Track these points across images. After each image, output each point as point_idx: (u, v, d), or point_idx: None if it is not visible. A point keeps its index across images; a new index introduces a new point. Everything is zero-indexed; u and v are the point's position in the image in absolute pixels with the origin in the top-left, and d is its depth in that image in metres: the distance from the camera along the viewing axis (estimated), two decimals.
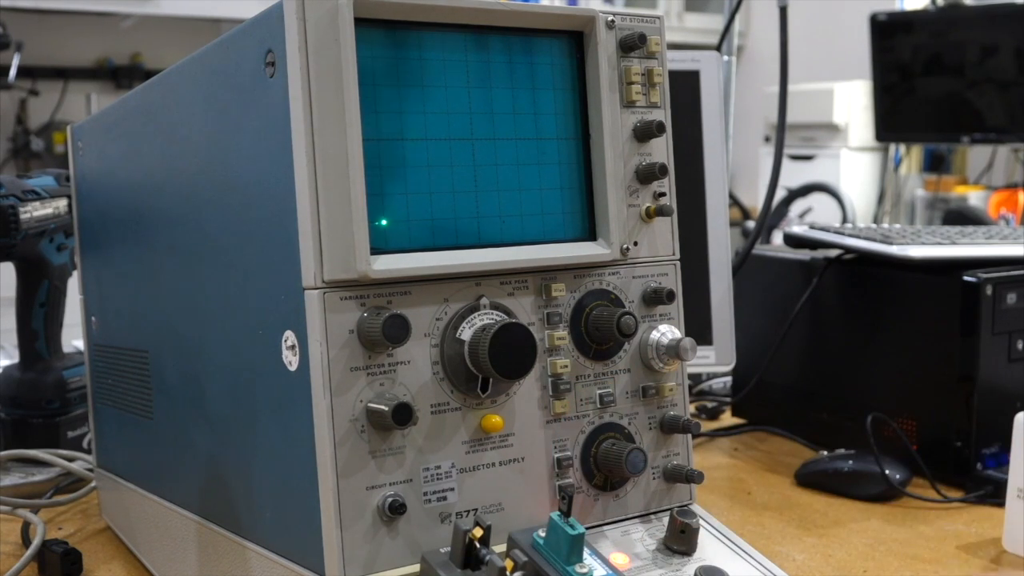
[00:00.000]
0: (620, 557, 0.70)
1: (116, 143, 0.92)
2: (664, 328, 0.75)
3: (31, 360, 1.18)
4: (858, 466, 1.12)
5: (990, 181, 3.92)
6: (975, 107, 3.49)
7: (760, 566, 0.72)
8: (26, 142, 3.96)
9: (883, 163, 4.12)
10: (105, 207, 0.96)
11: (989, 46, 3.43)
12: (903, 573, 0.93)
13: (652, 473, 0.75)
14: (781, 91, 1.29)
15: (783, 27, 1.30)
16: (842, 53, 4.23)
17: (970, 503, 1.09)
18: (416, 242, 0.66)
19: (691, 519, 0.72)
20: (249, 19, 0.66)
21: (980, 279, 1.11)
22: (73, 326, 1.14)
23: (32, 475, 1.10)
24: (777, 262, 1.35)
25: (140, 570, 0.92)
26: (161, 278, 0.84)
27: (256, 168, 0.66)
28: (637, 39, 0.73)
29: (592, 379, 0.73)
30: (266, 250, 0.66)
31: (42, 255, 1.15)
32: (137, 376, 0.90)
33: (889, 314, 1.20)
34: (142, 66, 4.10)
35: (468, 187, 0.68)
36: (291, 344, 0.63)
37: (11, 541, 0.98)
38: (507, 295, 0.69)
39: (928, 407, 1.16)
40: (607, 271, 0.73)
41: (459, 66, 0.68)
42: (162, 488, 0.87)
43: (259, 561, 0.71)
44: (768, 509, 1.09)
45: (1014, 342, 1.14)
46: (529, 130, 0.71)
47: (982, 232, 1.32)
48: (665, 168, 0.74)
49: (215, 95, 0.72)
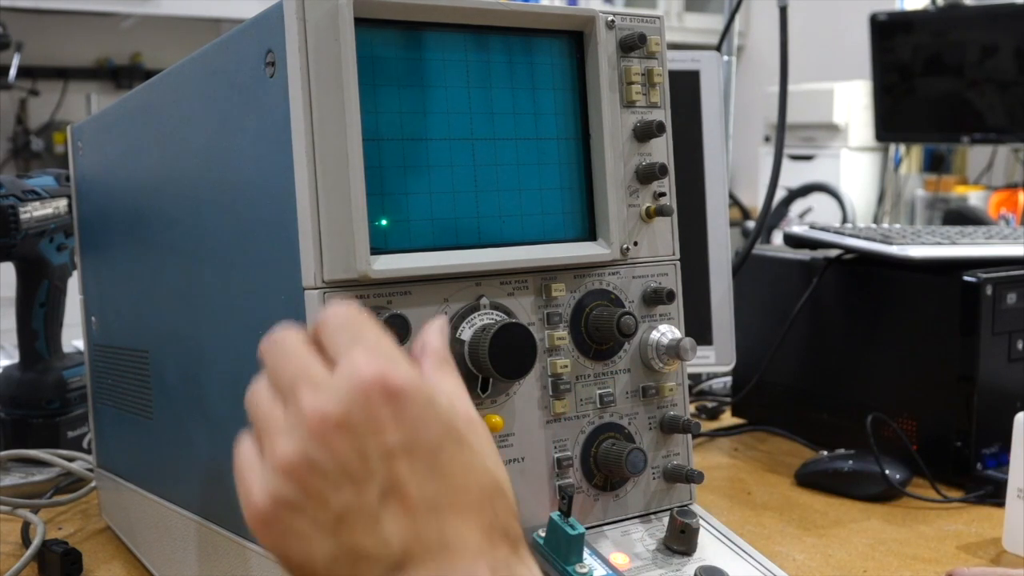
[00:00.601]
0: (620, 557, 0.70)
1: (116, 143, 0.92)
2: (664, 328, 0.75)
3: (31, 360, 1.18)
4: (858, 466, 1.12)
5: (990, 181, 3.92)
6: (975, 107, 3.49)
7: (760, 566, 0.72)
8: (26, 142, 3.96)
9: (883, 163, 4.12)
10: (105, 207, 0.96)
11: (989, 46, 3.43)
12: (903, 573, 0.93)
13: (652, 473, 0.75)
14: (781, 91, 1.29)
15: (783, 27, 1.30)
16: (842, 53, 4.23)
17: (970, 503, 1.09)
18: (416, 242, 0.66)
19: (691, 519, 0.72)
20: (249, 19, 0.66)
21: (980, 279, 1.11)
22: (73, 326, 1.14)
23: (32, 475, 1.10)
24: (777, 262, 1.35)
25: (140, 570, 0.92)
26: (161, 278, 0.84)
27: (256, 168, 0.66)
28: (637, 39, 0.73)
29: (592, 379, 0.73)
30: (266, 250, 0.66)
31: (42, 255, 1.15)
32: (137, 376, 0.90)
33: (889, 314, 1.20)
34: (142, 66, 4.10)
35: (468, 187, 0.68)
36: None
37: (11, 541, 0.98)
38: (507, 295, 0.69)
39: (928, 407, 1.15)
40: (607, 271, 0.73)
41: (459, 66, 0.68)
42: (162, 488, 0.87)
43: (259, 561, 0.71)
44: (768, 509, 1.09)
45: (1014, 342, 1.14)
46: (529, 130, 0.71)
47: (982, 232, 1.32)
48: (665, 168, 0.74)
49: (215, 95, 0.72)
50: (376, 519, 0.51)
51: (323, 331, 0.55)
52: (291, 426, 0.52)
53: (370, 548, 0.51)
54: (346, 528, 0.51)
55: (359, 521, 0.51)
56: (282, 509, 0.51)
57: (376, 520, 0.51)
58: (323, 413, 0.51)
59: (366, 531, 0.51)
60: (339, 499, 0.51)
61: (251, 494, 0.53)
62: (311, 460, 0.51)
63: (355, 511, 0.51)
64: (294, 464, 0.51)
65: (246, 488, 0.53)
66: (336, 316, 0.54)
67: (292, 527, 0.51)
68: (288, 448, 0.52)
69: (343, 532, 0.51)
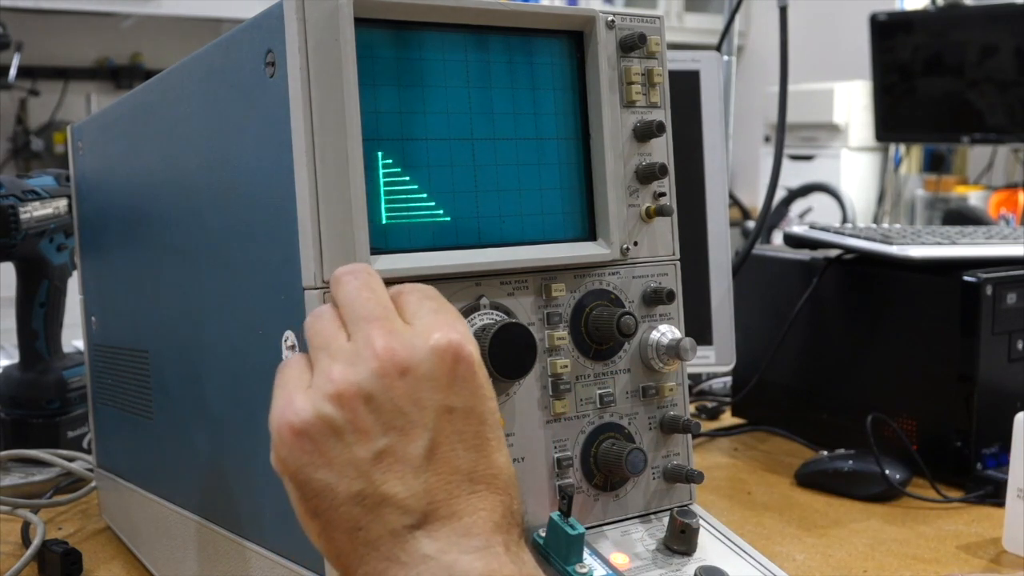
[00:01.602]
0: (620, 557, 0.70)
1: (116, 143, 0.92)
2: (664, 328, 0.75)
3: (31, 360, 1.18)
4: (858, 466, 1.12)
5: (990, 181, 3.92)
6: (975, 107, 3.49)
7: (760, 566, 0.72)
8: (26, 142, 3.96)
9: (883, 163, 4.12)
10: (105, 207, 0.96)
11: (989, 46, 3.43)
12: (903, 573, 0.93)
13: (652, 473, 0.75)
14: (781, 91, 1.29)
15: (783, 27, 1.30)
16: (842, 53, 4.23)
17: (970, 503, 1.09)
18: (416, 242, 0.66)
19: (691, 519, 0.72)
20: (249, 19, 0.66)
21: (980, 279, 1.11)
22: (73, 326, 1.14)
23: (32, 475, 1.10)
24: (777, 262, 1.35)
25: (140, 570, 0.92)
26: (161, 278, 0.84)
27: (256, 168, 0.66)
28: (637, 39, 0.73)
29: (592, 379, 0.73)
30: (266, 250, 0.66)
31: (42, 255, 1.15)
32: (137, 376, 0.90)
33: (889, 314, 1.20)
34: (142, 66, 4.10)
35: (468, 187, 0.68)
36: (291, 344, 0.63)
37: (11, 541, 0.98)
38: (507, 295, 0.69)
39: (928, 407, 1.15)
40: (607, 271, 0.73)
41: (459, 66, 0.68)
42: (162, 488, 0.87)
43: (259, 561, 0.71)
44: (768, 509, 1.09)
45: (1014, 342, 1.14)
46: (529, 130, 0.71)
47: (982, 232, 1.32)
48: (665, 168, 0.74)
49: (215, 95, 0.72)
50: (414, 470, 0.51)
51: (403, 292, 0.56)
52: (356, 357, 0.52)
53: (399, 496, 0.50)
54: (381, 470, 0.51)
55: (396, 466, 0.51)
56: (322, 428, 0.51)
57: (414, 471, 0.51)
58: (395, 353, 0.52)
59: (401, 479, 0.51)
60: (383, 439, 0.51)
61: (292, 404, 0.52)
62: (368, 392, 0.51)
63: (395, 456, 0.51)
64: (350, 391, 0.51)
65: (287, 397, 0.53)
66: (418, 286, 0.57)
67: (325, 450, 0.51)
68: (348, 374, 0.51)
69: (377, 473, 0.50)
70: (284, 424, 0.52)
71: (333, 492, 0.51)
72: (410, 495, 0.51)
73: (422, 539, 0.51)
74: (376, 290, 0.56)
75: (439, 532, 0.51)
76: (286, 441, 0.52)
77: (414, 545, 0.51)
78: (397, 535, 0.51)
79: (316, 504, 0.52)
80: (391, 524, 0.51)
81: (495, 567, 0.51)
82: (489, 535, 0.52)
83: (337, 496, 0.51)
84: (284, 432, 0.52)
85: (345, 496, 0.51)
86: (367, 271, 0.58)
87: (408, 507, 0.51)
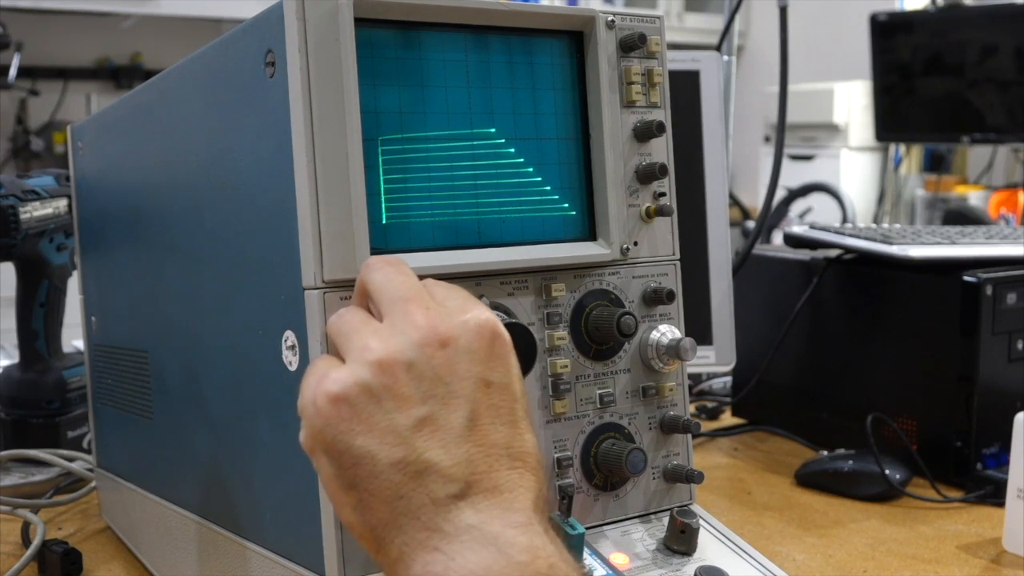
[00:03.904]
0: (620, 557, 0.70)
1: (116, 143, 0.92)
2: (664, 328, 0.75)
3: (31, 360, 1.18)
4: (858, 466, 1.12)
5: (990, 181, 3.92)
6: (975, 107, 3.49)
7: (760, 566, 0.72)
8: (26, 142, 3.95)
9: (883, 163, 4.12)
10: (105, 207, 0.96)
11: (989, 46, 3.43)
12: (903, 573, 0.93)
13: (652, 473, 0.75)
14: (781, 91, 1.29)
15: (783, 27, 1.30)
16: (842, 53, 4.22)
17: (970, 503, 1.09)
18: (416, 242, 0.66)
19: (691, 519, 0.72)
20: (249, 19, 0.66)
21: (980, 279, 1.11)
22: (73, 326, 1.14)
23: (32, 475, 1.10)
24: (777, 262, 1.35)
25: (140, 570, 0.92)
26: (161, 278, 0.84)
27: (256, 168, 0.66)
28: (637, 39, 0.73)
29: (592, 379, 0.73)
30: (266, 250, 0.66)
31: (42, 255, 1.15)
32: (137, 376, 0.90)
33: (889, 314, 1.20)
34: (142, 66, 4.10)
35: (468, 187, 0.68)
36: (291, 344, 0.63)
37: (11, 541, 0.98)
38: (507, 295, 0.69)
39: (928, 407, 1.15)
40: (607, 271, 0.73)
41: (459, 66, 0.68)
42: (162, 488, 0.87)
43: (259, 561, 0.71)
44: (768, 509, 1.09)
45: (1014, 342, 1.14)
46: (529, 130, 0.71)
47: (982, 232, 1.32)
48: (665, 168, 0.74)
49: (215, 95, 0.72)
50: (456, 439, 0.50)
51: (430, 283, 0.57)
52: (394, 329, 0.52)
53: (442, 465, 0.50)
54: (423, 437, 0.50)
55: (438, 434, 0.50)
56: (361, 393, 0.50)
57: (456, 440, 0.50)
58: (436, 326, 0.52)
59: (444, 447, 0.50)
60: (423, 407, 0.50)
61: (327, 376, 0.52)
62: (410, 360, 0.51)
63: (437, 424, 0.50)
64: (391, 357, 0.51)
65: (319, 374, 0.52)
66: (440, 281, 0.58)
67: (365, 416, 0.50)
68: (388, 343, 0.51)
69: (419, 440, 0.50)
70: (320, 393, 0.51)
71: (374, 459, 0.50)
72: (453, 464, 0.50)
73: (465, 509, 0.50)
74: (409, 275, 0.57)
75: (482, 504, 0.50)
76: (322, 411, 0.51)
77: (457, 515, 0.50)
78: (440, 504, 0.50)
79: (355, 473, 0.50)
80: (434, 493, 0.50)
81: (538, 544, 0.50)
82: (527, 509, 0.51)
83: (378, 463, 0.50)
84: (320, 401, 0.51)
85: (386, 463, 0.50)
86: (399, 259, 0.58)
87: (452, 475, 0.50)
